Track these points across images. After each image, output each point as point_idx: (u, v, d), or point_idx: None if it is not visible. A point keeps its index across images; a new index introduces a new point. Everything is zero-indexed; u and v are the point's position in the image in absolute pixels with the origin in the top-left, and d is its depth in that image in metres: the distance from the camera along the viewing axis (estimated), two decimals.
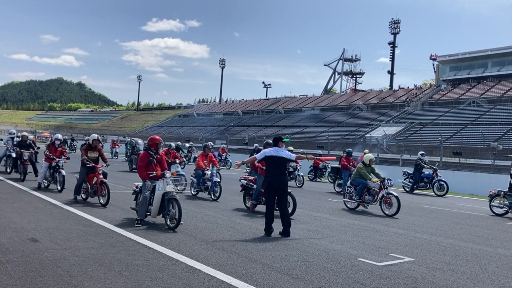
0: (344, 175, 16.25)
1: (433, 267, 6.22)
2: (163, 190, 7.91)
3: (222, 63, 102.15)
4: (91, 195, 10.53)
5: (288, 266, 5.81)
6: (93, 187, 10.48)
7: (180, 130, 65.26)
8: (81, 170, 10.69)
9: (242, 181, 11.43)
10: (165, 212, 7.89)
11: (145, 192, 8.13)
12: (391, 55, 75.54)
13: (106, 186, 10.16)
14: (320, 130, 51.80)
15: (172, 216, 7.77)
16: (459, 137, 38.10)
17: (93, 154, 10.88)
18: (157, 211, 8.06)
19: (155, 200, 7.98)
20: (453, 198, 17.83)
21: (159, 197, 7.94)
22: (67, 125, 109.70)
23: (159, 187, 7.95)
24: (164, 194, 7.91)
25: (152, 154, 8.45)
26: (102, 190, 10.22)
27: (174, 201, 7.83)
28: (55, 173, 12.53)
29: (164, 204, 7.92)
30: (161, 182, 7.96)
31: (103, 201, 10.09)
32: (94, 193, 10.47)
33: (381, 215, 11.35)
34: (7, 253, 5.64)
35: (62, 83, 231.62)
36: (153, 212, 8.08)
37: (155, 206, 8.01)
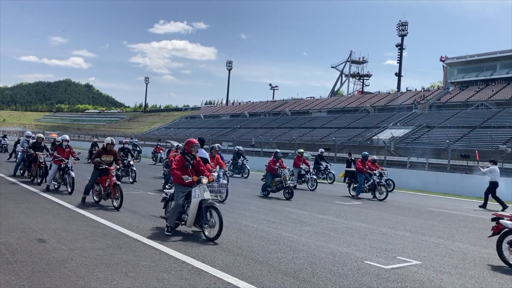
0: (359, 179, 16.08)
1: (441, 271, 6.18)
2: (200, 197, 7.28)
3: (229, 65, 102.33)
4: (104, 198, 10.28)
5: (295, 268, 5.80)
6: (106, 189, 10.20)
7: (187, 131, 65.39)
8: (93, 172, 10.47)
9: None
10: (203, 222, 7.24)
11: (178, 199, 7.52)
12: (398, 57, 75.30)
13: (119, 188, 9.87)
14: (327, 132, 51.68)
15: (211, 226, 7.16)
16: (467, 140, 37.87)
17: (107, 158, 10.61)
18: (193, 220, 7.38)
19: (191, 208, 7.32)
20: (461, 201, 17.72)
21: (195, 205, 7.28)
22: (75, 126, 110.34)
23: (196, 194, 7.30)
24: (201, 201, 7.27)
25: (189, 158, 7.82)
26: (115, 192, 9.93)
27: (213, 209, 7.22)
28: (64, 174, 12.36)
29: (201, 212, 7.27)
30: (198, 189, 7.32)
31: (116, 204, 9.86)
32: (107, 196, 10.19)
33: (388, 218, 11.31)
34: (15, 253, 5.67)
35: (70, 84, 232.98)
36: (189, 221, 7.40)
37: (191, 214, 7.34)
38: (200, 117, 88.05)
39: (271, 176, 14.68)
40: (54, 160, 12.55)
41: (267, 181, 14.75)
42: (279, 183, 14.53)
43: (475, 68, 59.97)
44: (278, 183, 14.56)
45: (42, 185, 13.32)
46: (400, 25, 73.18)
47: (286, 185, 14.30)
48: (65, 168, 12.31)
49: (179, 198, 7.51)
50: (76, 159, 12.89)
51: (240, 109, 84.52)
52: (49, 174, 12.90)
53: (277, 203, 13.19)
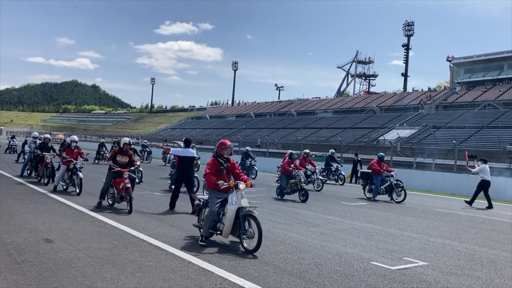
0: (376, 180, 15.62)
1: (448, 272, 6.15)
2: (237, 205, 6.64)
3: (234, 66, 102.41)
4: (118, 201, 10.06)
5: (301, 269, 5.79)
6: (119, 192, 9.97)
7: (193, 132, 65.52)
8: (108, 174, 10.24)
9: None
10: (241, 232, 6.61)
11: (213, 206, 6.89)
12: (405, 57, 75.04)
13: (128, 192, 9.68)
14: (333, 133, 51.57)
15: (250, 236, 6.52)
16: (474, 140, 37.64)
17: (123, 158, 10.37)
18: (230, 229, 6.75)
19: (227, 216, 6.68)
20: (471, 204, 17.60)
21: (232, 213, 6.64)
22: (81, 126, 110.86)
23: (232, 201, 6.67)
24: (239, 209, 6.63)
25: (222, 161, 7.20)
26: (126, 196, 9.76)
27: (252, 218, 6.60)
28: (73, 175, 12.25)
29: (239, 221, 6.64)
30: (235, 195, 6.69)
31: (128, 207, 9.66)
32: (120, 199, 9.99)
33: (395, 219, 11.28)
34: (22, 253, 5.71)
35: (76, 85, 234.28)
36: (225, 231, 6.77)
37: (227, 223, 6.71)
38: (206, 117, 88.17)
39: (286, 178, 14.39)
40: (63, 161, 12.48)
41: (282, 183, 14.45)
42: (294, 185, 14.18)
43: (482, 68, 59.62)
44: (293, 185, 14.20)
45: (49, 186, 13.40)
46: (406, 25, 72.92)
47: (301, 187, 13.95)
48: (74, 169, 12.21)
49: (214, 205, 6.90)
50: (85, 160, 12.80)
51: (246, 110, 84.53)
52: (57, 174, 12.84)
53: (283, 203, 13.18)
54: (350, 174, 25.11)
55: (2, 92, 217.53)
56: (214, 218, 6.88)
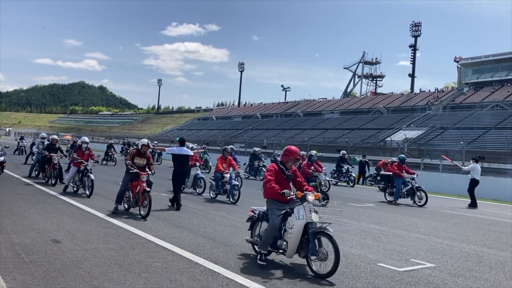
0: (397, 183, 15.21)
1: (455, 274, 6.11)
2: (305, 220, 5.64)
3: (241, 67, 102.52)
4: (133, 205, 9.58)
5: (307, 270, 5.77)
6: (135, 196, 9.50)
7: (199, 133, 65.64)
8: (124, 176, 9.78)
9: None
10: (310, 252, 5.61)
11: (274, 219, 5.88)
12: (412, 58, 74.79)
13: (148, 196, 9.15)
14: (339, 134, 51.44)
15: (322, 258, 5.55)
16: (482, 141, 37.40)
17: (140, 161, 9.84)
18: (296, 248, 5.75)
19: (294, 232, 5.70)
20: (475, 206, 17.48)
21: (299, 229, 5.67)
22: (88, 128, 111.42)
23: (299, 215, 5.70)
24: (307, 225, 5.64)
25: (284, 169, 6.27)
26: (144, 200, 9.22)
27: (325, 236, 5.62)
28: (83, 177, 12.07)
29: (307, 239, 5.66)
30: (302, 208, 5.71)
31: (144, 212, 9.11)
32: (135, 203, 9.50)
33: (402, 220, 11.23)
34: (30, 254, 5.74)
35: (84, 86, 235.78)
36: (290, 250, 5.78)
37: (293, 241, 5.72)
38: (212, 118, 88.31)
39: (306, 180, 14.07)
40: (73, 162, 12.42)
41: None
42: (314, 188, 13.79)
43: (490, 69, 59.26)
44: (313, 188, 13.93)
45: (57, 187, 13.47)
46: (413, 26, 72.70)
47: (321, 190, 13.32)
48: (84, 171, 12.06)
49: (276, 218, 5.90)
50: (96, 161, 12.68)
51: (252, 111, 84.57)
52: (67, 175, 12.76)
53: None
54: (358, 175, 25.02)
55: (11, 93, 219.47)
56: (275, 234, 5.91)
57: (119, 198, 9.71)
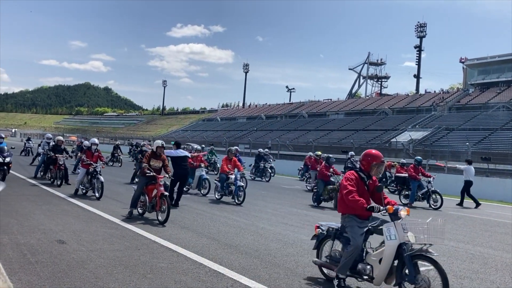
0: (412, 186, 14.88)
1: (461, 275, 6.07)
2: (398, 240, 4.70)
3: (245, 68, 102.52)
4: (149, 210, 9.09)
5: (312, 272, 5.76)
6: (151, 200, 9.04)
7: (204, 134, 65.73)
8: (140, 180, 9.43)
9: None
10: (407, 279, 4.66)
11: (356, 238, 4.98)
12: (417, 59, 74.62)
13: (167, 200, 8.69)
14: (344, 135, 51.35)
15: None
16: (487, 142, 37.20)
17: (156, 163, 9.43)
18: (386, 274, 4.78)
19: (385, 255, 4.73)
20: (482, 204, 17.40)
21: (392, 251, 4.71)
22: (93, 129, 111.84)
23: (391, 234, 4.75)
24: (401, 246, 4.67)
25: (364, 177, 5.35)
26: (162, 205, 8.72)
27: (428, 261, 4.62)
28: (92, 179, 11.85)
29: (401, 263, 4.71)
30: (393, 226, 4.78)
31: (162, 217, 8.67)
32: (152, 208, 9.01)
33: None
34: (36, 254, 5.77)
35: (89, 87, 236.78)
36: (379, 277, 4.82)
37: (383, 266, 4.77)
38: (216, 119, 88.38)
39: (323, 183, 13.49)
40: (82, 164, 12.28)
41: (319, 189, 13.53)
42: (332, 191, 13.21)
43: (496, 70, 58.94)
44: (330, 191, 13.26)
45: (62, 188, 13.51)
46: (418, 27, 72.50)
47: None
48: (93, 173, 11.85)
49: (359, 237, 4.99)
50: (105, 163, 12.46)
51: (257, 112, 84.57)
52: (77, 178, 12.56)
53: (295, 205, 13.15)
54: None
55: (16, 94, 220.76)
56: (356, 256, 4.97)
57: (134, 202, 9.22)
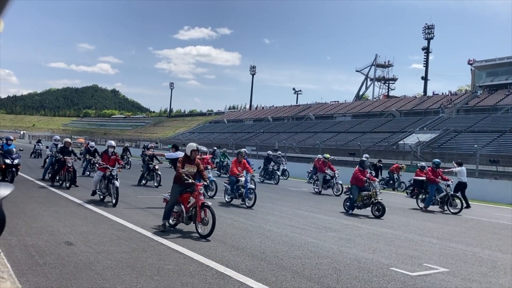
0: (430, 189, 14.53)
1: (469, 279, 6.03)
2: None
3: (252, 70, 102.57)
4: (185, 221, 8.13)
5: (319, 274, 5.75)
6: (188, 211, 8.12)
7: (210, 136, 65.78)
8: (174, 187, 8.36)
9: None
10: None
11: None
12: (425, 60, 74.20)
13: (210, 211, 7.68)
14: (352, 137, 51.18)
15: None
16: (496, 145, 36.95)
17: (191, 168, 8.47)
18: None
19: None
20: (490, 207, 17.29)
21: None
22: (101, 131, 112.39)
23: None
24: None
25: None
26: (204, 216, 7.77)
27: None
28: (109, 183, 11.23)
29: None
30: None
31: (203, 230, 7.66)
32: (189, 219, 8.08)
33: (414, 224, 11.13)
34: (44, 255, 5.80)
35: (97, 90, 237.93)
36: None
37: None
38: (223, 121, 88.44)
39: (358, 189, 12.63)
40: (98, 167, 11.95)
41: (354, 195, 12.62)
42: (367, 198, 12.44)
43: (505, 71, 58.50)
44: (365, 198, 12.45)
45: (71, 190, 13.55)
46: (426, 28, 72.13)
47: (376, 201, 12.26)
48: (110, 176, 11.24)
49: None
50: (122, 167, 12.03)
51: (264, 114, 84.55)
52: (93, 179, 12.22)
53: (301, 208, 13.12)
54: None
55: (25, 97, 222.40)
56: None
57: (167, 213, 8.22)
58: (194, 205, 8.00)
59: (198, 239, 7.55)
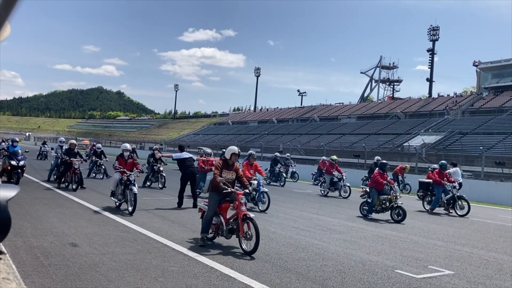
0: (437, 192, 14.31)
1: (475, 281, 5.99)
2: None
3: (257, 72, 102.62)
4: (225, 235, 7.19)
5: (323, 276, 5.73)
6: (228, 223, 7.22)
7: (215, 138, 65.86)
8: (211, 196, 7.45)
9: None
10: None
11: None
12: (430, 62, 74.05)
13: (253, 224, 6.79)
14: (356, 139, 51.09)
15: None
16: (502, 147, 36.77)
17: (229, 174, 7.54)
18: None
19: None
20: (495, 209, 17.20)
21: None
22: (106, 132, 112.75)
23: None
24: None
25: None
26: (247, 229, 6.86)
27: None
28: (125, 189, 10.37)
29: None
30: None
31: (248, 246, 6.77)
32: (229, 232, 7.17)
33: (419, 226, 11.09)
34: (49, 257, 5.82)
35: (102, 92, 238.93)
36: None
37: None
38: (228, 123, 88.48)
39: (377, 193, 12.21)
40: (116, 171, 10.94)
41: (373, 199, 12.18)
42: (386, 201, 12.04)
43: (510, 73, 58.22)
44: (383, 202, 12.05)
45: (78, 192, 13.58)
46: (431, 30, 71.98)
47: (396, 205, 11.82)
48: (127, 182, 10.34)
49: None
50: (140, 171, 11.22)
51: (268, 116, 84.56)
52: (111, 180, 11.39)
53: (306, 209, 13.10)
54: None
55: (30, 98, 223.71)
56: None
57: (206, 226, 7.32)
58: (235, 217, 7.17)
59: (199, 241, 7.54)
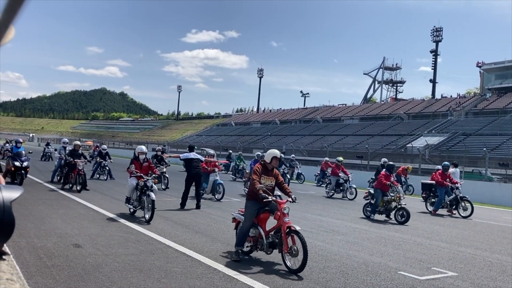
0: (440, 193, 14.24)
1: (478, 283, 5.97)
2: None
3: (260, 73, 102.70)
4: (265, 249, 6.38)
5: (326, 278, 5.73)
6: (268, 235, 6.42)
7: (218, 139, 65.90)
8: (248, 205, 6.63)
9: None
10: None
11: None
12: (433, 63, 73.96)
13: (300, 238, 5.98)
14: (359, 140, 51.07)
15: None
16: (505, 148, 36.68)
17: (268, 181, 6.72)
18: None
19: None
20: (499, 211, 17.15)
21: None
22: (109, 133, 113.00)
23: None
24: None
25: None
26: (292, 244, 6.04)
27: None
28: (142, 195, 9.64)
29: None
30: None
31: (294, 263, 5.93)
32: (270, 246, 6.35)
33: (423, 228, 11.06)
34: (52, 258, 5.83)
35: (105, 93, 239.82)
36: None
37: None
38: (231, 124, 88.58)
39: (382, 194, 12.18)
40: (131, 176, 10.19)
41: (377, 199, 12.16)
42: (388, 202, 12.04)
43: None
44: (386, 203, 12.05)
45: (82, 193, 13.58)
46: (434, 31, 71.95)
47: (399, 206, 11.78)
48: (144, 187, 9.61)
49: None
50: (158, 176, 10.62)
51: (271, 117, 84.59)
52: (128, 186, 10.33)
53: (309, 211, 13.08)
54: None
55: (34, 100, 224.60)
56: None
57: (242, 238, 6.53)
58: (276, 229, 6.37)
59: (206, 242, 7.54)
